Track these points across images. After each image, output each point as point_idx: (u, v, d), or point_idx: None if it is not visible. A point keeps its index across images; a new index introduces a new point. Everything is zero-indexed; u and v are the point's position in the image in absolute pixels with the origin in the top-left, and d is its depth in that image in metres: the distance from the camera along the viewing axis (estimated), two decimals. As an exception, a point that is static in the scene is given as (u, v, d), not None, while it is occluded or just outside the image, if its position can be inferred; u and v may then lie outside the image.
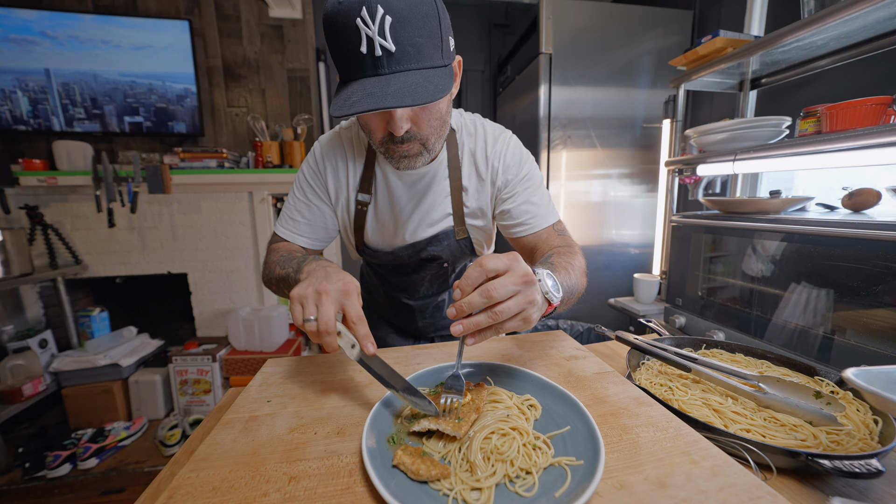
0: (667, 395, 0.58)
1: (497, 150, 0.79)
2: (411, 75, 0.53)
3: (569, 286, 0.59)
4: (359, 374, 0.63)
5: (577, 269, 0.65)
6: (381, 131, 0.63)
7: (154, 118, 2.15)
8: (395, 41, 0.51)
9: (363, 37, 0.51)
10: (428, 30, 0.54)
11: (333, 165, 0.80)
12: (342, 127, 0.82)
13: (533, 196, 0.79)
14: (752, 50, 1.19)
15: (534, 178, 0.80)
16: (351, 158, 0.80)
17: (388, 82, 0.52)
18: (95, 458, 1.77)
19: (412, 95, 0.52)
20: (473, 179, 0.80)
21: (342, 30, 0.52)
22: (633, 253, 1.99)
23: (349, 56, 0.53)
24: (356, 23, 0.50)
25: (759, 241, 1.03)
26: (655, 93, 1.86)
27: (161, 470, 0.51)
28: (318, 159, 0.80)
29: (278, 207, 2.42)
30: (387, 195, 0.80)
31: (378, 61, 0.52)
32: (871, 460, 0.40)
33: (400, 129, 0.59)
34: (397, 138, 0.62)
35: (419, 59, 0.54)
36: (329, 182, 0.80)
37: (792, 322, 0.94)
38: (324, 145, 0.81)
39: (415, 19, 0.52)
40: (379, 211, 0.82)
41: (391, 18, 0.50)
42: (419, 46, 0.53)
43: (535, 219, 0.78)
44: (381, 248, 0.86)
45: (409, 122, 0.61)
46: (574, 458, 0.41)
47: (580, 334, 1.33)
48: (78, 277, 2.23)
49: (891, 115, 0.95)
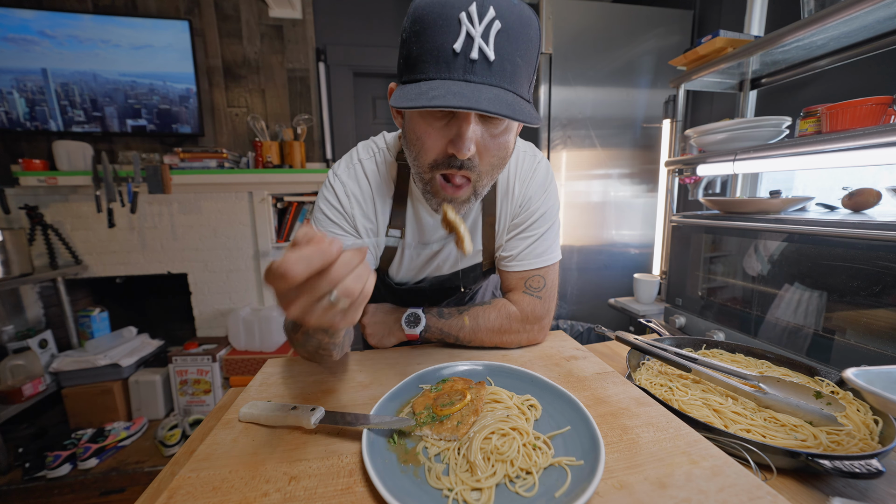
0: (667, 395, 0.58)
1: (523, 175, 0.72)
2: (503, 93, 0.46)
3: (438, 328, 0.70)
4: (359, 373, 0.63)
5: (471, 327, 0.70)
6: (437, 150, 0.52)
7: (157, 120, 2.15)
8: (497, 51, 0.45)
9: (463, 33, 0.44)
10: (528, 55, 0.48)
11: (360, 203, 0.68)
12: (361, 157, 0.70)
13: (531, 234, 0.72)
14: (752, 50, 1.19)
15: (546, 219, 0.73)
16: (379, 194, 0.69)
17: (480, 90, 0.44)
18: (95, 459, 1.77)
19: (511, 108, 0.44)
20: (506, 213, 0.73)
21: (437, 20, 0.44)
22: (633, 253, 1.99)
23: (436, 51, 0.45)
24: (460, 16, 0.43)
25: (760, 240, 1.03)
26: (655, 93, 1.85)
27: (161, 470, 0.51)
28: (340, 198, 0.67)
29: (278, 208, 2.42)
30: (416, 231, 0.73)
31: (471, 66, 0.45)
32: (872, 460, 0.40)
33: (466, 151, 0.49)
34: (455, 162, 0.52)
35: (513, 80, 0.47)
36: (358, 223, 0.68)
37: (792, 322, 0.94)
38: (345, 182, 0.68)
39: (521, 37, 0.46)
40: (407, 248, 0.74)
41: (500, 24, 0.44)
42: (517, 67, 0.47)
43: (514, 261, 0.73)
44: (403, 280, 0.80)
45: (476, 147, 0.51)
46: (574, 458, 0.41)
47: (580, 334, 1.33)
48: (78, 277, 2.23)
49: (891, 114, 0.95)
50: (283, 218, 2.42)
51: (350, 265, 0.34)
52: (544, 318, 0.73)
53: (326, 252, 0.33)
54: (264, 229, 2.34)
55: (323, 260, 0.32)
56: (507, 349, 0.72)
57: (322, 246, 0.33)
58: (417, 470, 0.41)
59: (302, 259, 0.31)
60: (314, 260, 0.32)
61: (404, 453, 0.43)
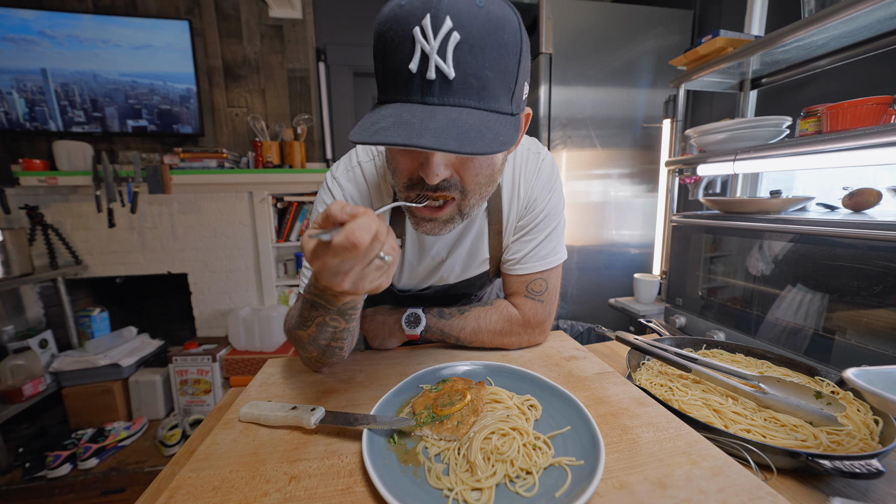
0: (667, 395, 0.58)
1: (528, 176, 0.69)
2: (466, 113, 0.42)
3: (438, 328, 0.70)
4: (359, 373, 0.63)
5: (471, 327, 0.70)
6: (408, 173, 0.50)
7: (158, 121, 2.15)
8: (457, 67, 0.40)
9: (417, 51, 0.40)
10: (502, 65, 0.42)
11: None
12: (360, 160, 0.68)
13: (535, 237, 0.70)
14: (753, 50, 1.19)
15: (551, 219, 0.70)
16: (378, 200, 0.67)
17: (434, 115, 0.40)
18: (96, 458, 1.77)
19: (459, 139, 0.39)
20: (512, 218, 0.71)
21: (394, 37, 0.41)
22: (634, 253, 1.99)
23: (393, 72, 0.42)
24: (413, 32, 0.39)
25: (762, 240, 1.03)
26: (655, 93, 1.85)
27: (161, 470, 0.51)
28: (337, 199, 0.65)
29: (279, 207, 2.42)
30: (416, 240, 0.70)
31: (429, 86, 0.41)
32: (872, 461, 0.40)
33: (434, 178, 0.46)
34: (429, 186, 0.48)
35: (482, 96, 0.42)
36: None
37: (792, 322, 0.94)
38: (343, 185, 0.66)
39: (489, 47, 0.41)
40: (408, 256, 0.72)
41: (459, 37, 0.39)
42: (486, 81, 0.42)
43: (517, 264, 0.72)
44: (406, 288, 0.79)
45: (451, 170, 0.49)
46: (574, 458, 0.41)
47: (580, 334, 1.33)
48: (78, 277, 2.23)
49: (891, 114, 0.95)
50: (283, 218, 2.42)
51: (386, 225, 0.38)
52: (545, 321, 0.72)
53: (375, 218, 0.36)
54: (264, 229, 2.34)
55: (378, 225, 0.36)
56: (508, 350, 0.72)
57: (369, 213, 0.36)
58: (417, 470, 0.41)
59: (364, 227, 0.34)
60: (373, 226, 0.35)
61: (404, 453, 0.43)
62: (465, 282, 0.78)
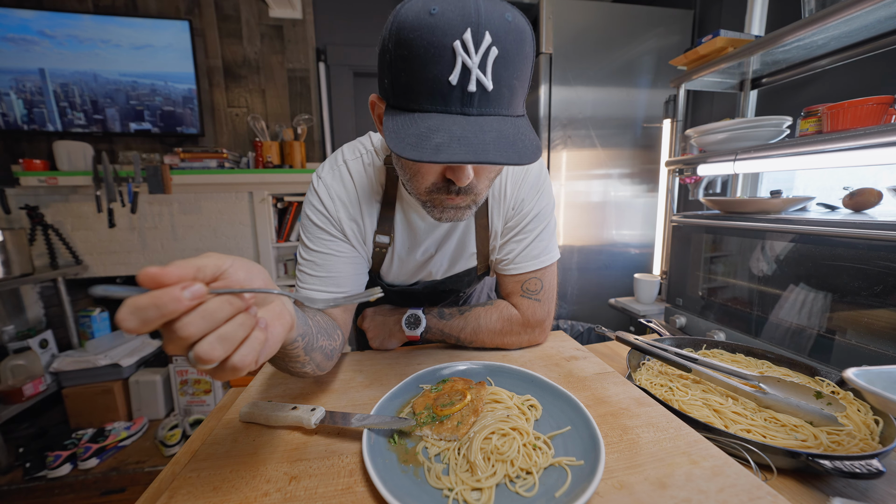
0: (667, 395, 0.58)
1: (515, 177, 0.70)
2: (501, 122, 0.44)
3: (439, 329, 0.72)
4: (359, 374, 0.63)
5: (471, 327, 0.71)
6: (433, 177, 0.52)
7: (161, 123, 2.15)
8: (495, 79, 0.42)
9: (458, 65, 0.40)
10: (524, 73, 0.45)
11: (346, 205, 0.66)
12: (346, 158, 0.68)
13: (526, 237, 0.71)
14: (753, 50, 1.19)
15: (540, 220, 0.71)
16: (365, 198, 0.67)
17: (481, 127, 0.42)
18: (96, 458, 1.77)
19: (518, 152, 0.42)
20: (499, 215, 0.72)
21: (428, 48, 0.41)
22: (634, 253, 1.99)
23: (430, 82, 0.42)
24: (454, 45, 0.40)
25: (762, 241, 1.03)
26: (656, 93, 1.85)
27: (161, 470, 0.51)
28: (325, 201, 0.66)
29: (279, 208, 2.42)
30: (407, 236, 0.72)
31: (468, 98, 0.42)
32: (872, 461, 0.40)
33: (465, 181, 0.49)
34: (454, 188, 0.51)
35: (510, 104, 0.45)
36: (345, 225, 0.67)
37: (792, 322, 0.94)
38: (329, 184, 0.66)
39: (517, 59, 0.43)
40: (398, 252, 0.73)
41: (497, 51, 0.41)
42: (514, 90, 0.45)
43: (510, 265, 0.72)
44: (397, 283, 0.80)
45: (473, 170, 0.51)
46: (574, 458, 0.41)
47: (580, 334, 1.33)
48: (78, 277, 2.23)
49: (892, 114, 0.95)
50: (284, 218, 2.42)
51: (212, 318, 0.28)
52: (545, 320, 0.73)
53: (167, 302, 0.26)
54: (264, 229, 2.34)
55: (161, 313, 0.26)
56: (508, 350, 0.72)
57: (164, 293, 0.26)
58: (417, 470, 0.41)
59: (134, 312, 0.26)
60: (149, 313, 0.26)
61: (404, 453, 0.43)
62: (452, 277, 0.79)
